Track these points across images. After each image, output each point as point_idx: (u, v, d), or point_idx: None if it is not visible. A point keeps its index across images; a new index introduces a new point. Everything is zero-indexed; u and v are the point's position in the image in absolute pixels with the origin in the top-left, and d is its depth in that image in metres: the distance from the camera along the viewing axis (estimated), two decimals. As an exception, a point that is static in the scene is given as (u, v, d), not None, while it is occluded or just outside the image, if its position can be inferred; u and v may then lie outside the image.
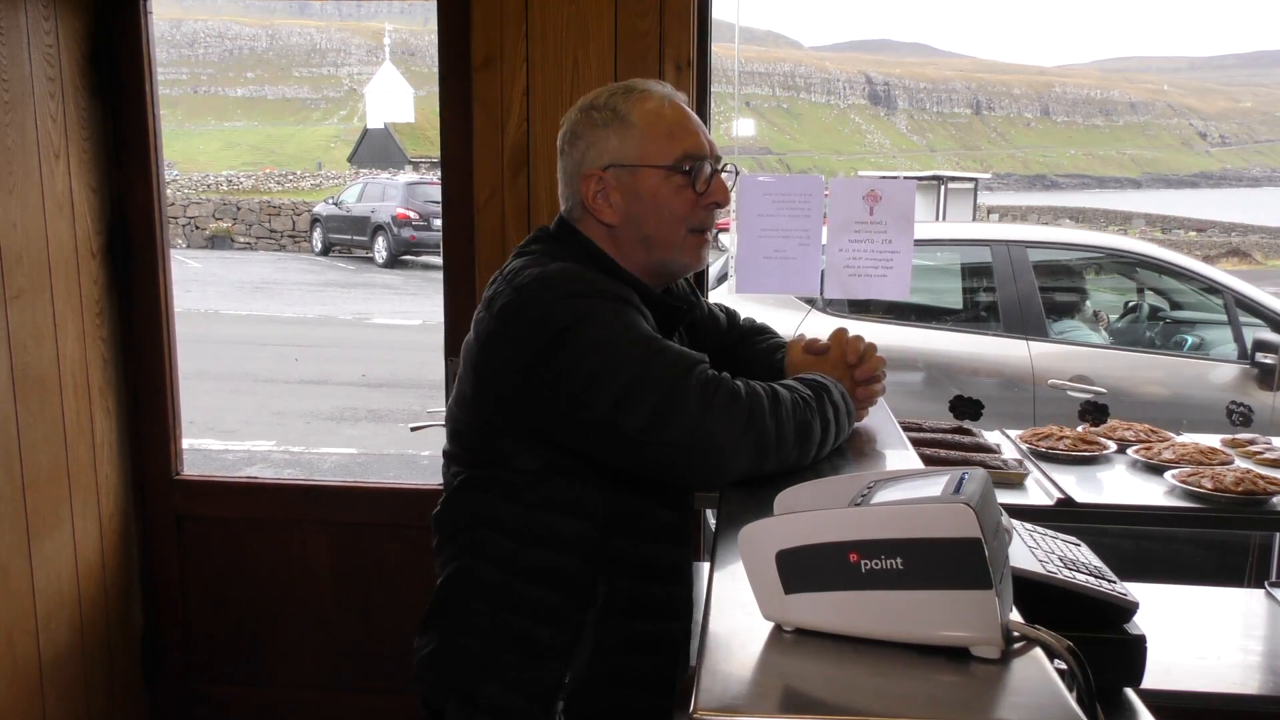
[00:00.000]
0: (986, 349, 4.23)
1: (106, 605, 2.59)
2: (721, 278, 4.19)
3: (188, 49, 75.87)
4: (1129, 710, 1.31)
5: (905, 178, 3.66)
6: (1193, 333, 4.49)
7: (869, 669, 0.80)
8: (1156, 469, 2.11)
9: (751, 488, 1.22)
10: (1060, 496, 1.94)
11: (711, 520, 2.64)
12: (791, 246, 2.31)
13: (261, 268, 17.53)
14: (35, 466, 2.31)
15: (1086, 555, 1.39)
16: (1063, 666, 0.84)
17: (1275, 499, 1.94)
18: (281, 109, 70.07)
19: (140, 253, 2.59)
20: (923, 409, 3.56)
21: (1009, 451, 2.23)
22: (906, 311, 4.47)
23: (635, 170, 1.37)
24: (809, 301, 4.22)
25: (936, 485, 0.86)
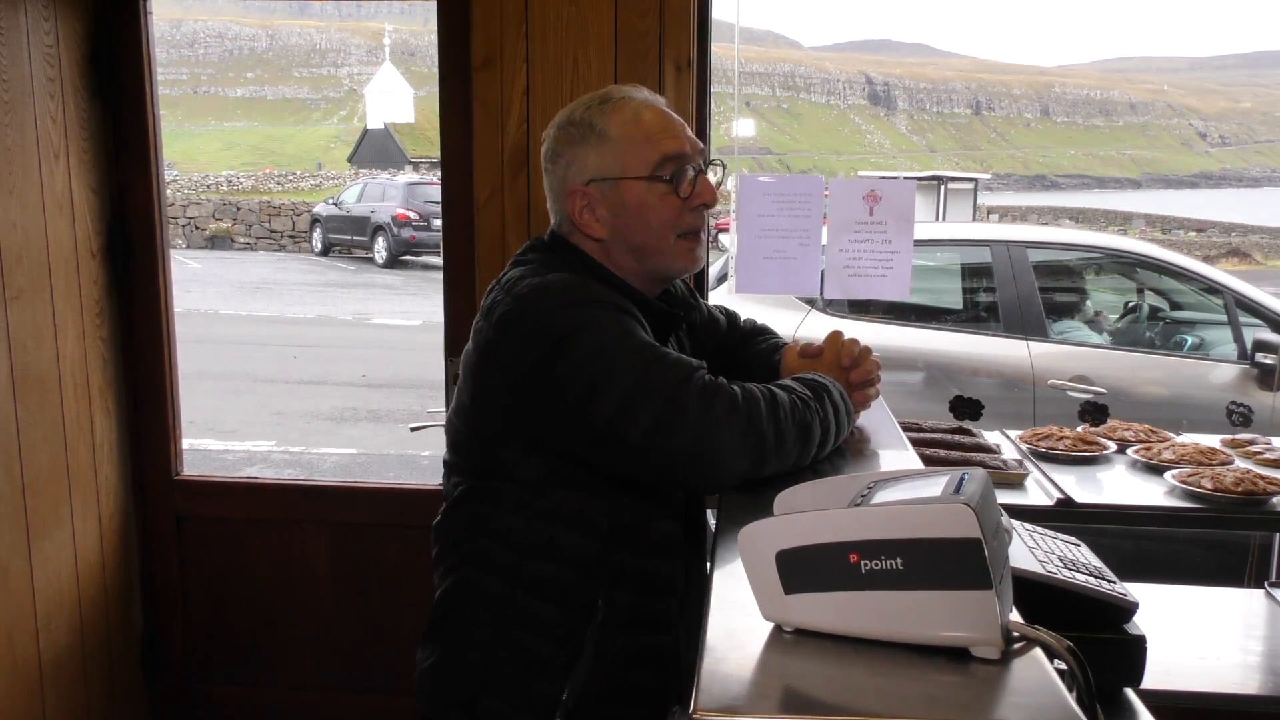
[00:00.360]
0: (986, 349, 4.23)
1: (106, 605, 2.59)
2: (721, 278, 4.19)
3: (188, 49, 75.89)
4: (1129, 710, 1.31)
5: (905, 178, 3.66)
6: (1193, 333, 4.49)
7: (869, 669, 0.80)
8: (1156, 469, 2.11)
9: (751, 488, 1.22)
10: (1060, 497, 1.94)
11: (711, 520, 2.64)
12: (791, 247, 2.31)
13: (261, 268, 17.52)
14: (35, 466, 2.31)
15: (1086, 555, 1.39)
16: (1063, 667, 0.84)
17: (1275, 499, 1.94)
18: (281, 109, 70.09)
19: (140, 253, 2.59)
20: (923, 409, 3.56)
21: (1009, 452, 2.23)
22: (906, 312, 4.47)
23: (617, 183, 1.37)
24: (809, 302, 4.22)
25: (936, 485, 0.86)
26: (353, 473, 6.41)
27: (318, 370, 9.39)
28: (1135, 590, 1.35)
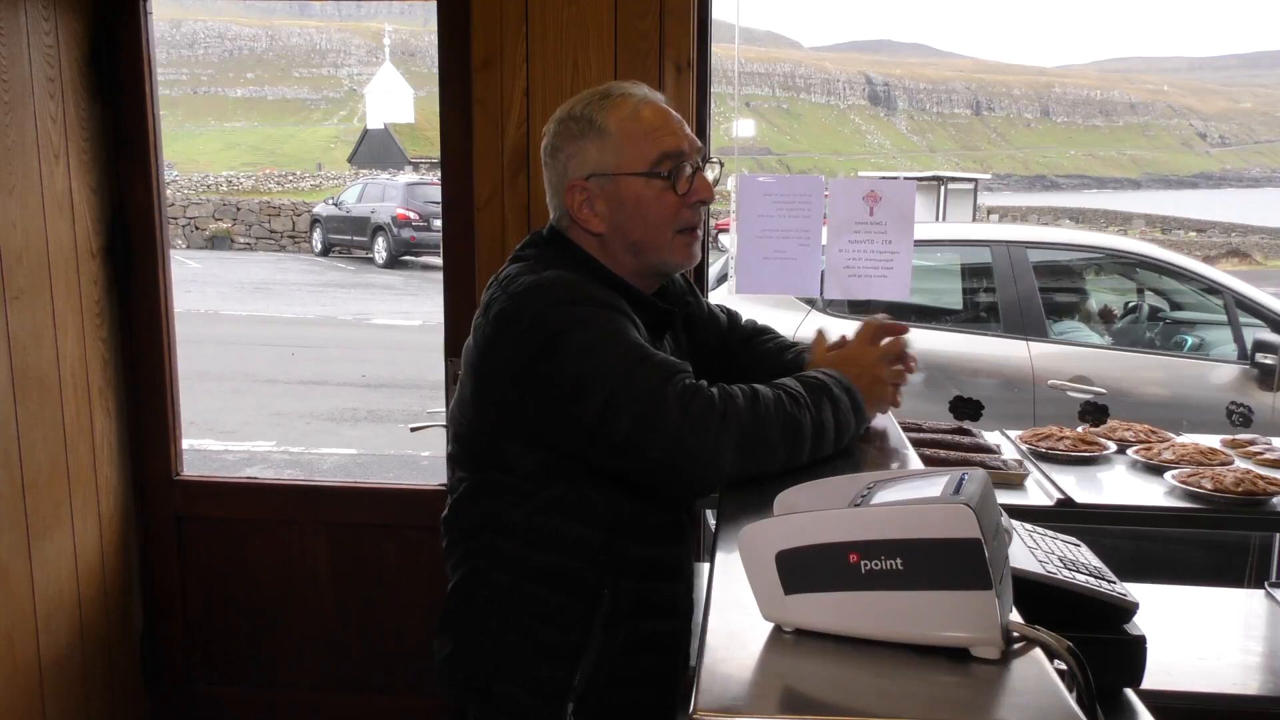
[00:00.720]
0: (986, 349, 4.23)
1: (106, 606, 2.59)
2: (721, 278, 4.19)
3: (188, 49, 75.90)
4: (1129, 711, 1.31)
5: (905, 178, 3.66)
6: (1193, 333, 4.49)
7: (869, 669, 0.80)
8: (1156, 469, 2.11)
9: (751, 488, 1.22)
10: (1060, 497, 1.94)
11: (711, 520, 2.63)
12: (791, 247, 2.31)
13: (261, 268, 17.52)
14: (35, 467, 2.31)
15: (1086, 556, 1.39)
16: (1063, 667, 0.84)
17: (1275, 499, 1.94)
18: (281, 109, 70.09)
19: (140, 253, 2.59)
20: (923, 409, 3.55)
21: (1009, 452, 2.23)
22: (906, 312, 4.47)
23: (616, 178, 1.39)
24: (809, 302, 4.22)
25: (936, 486, 0.86)
26: (353, 473, 6.40)
27: (318, 370, 9.39)
28: (1135, 590, 1.36)
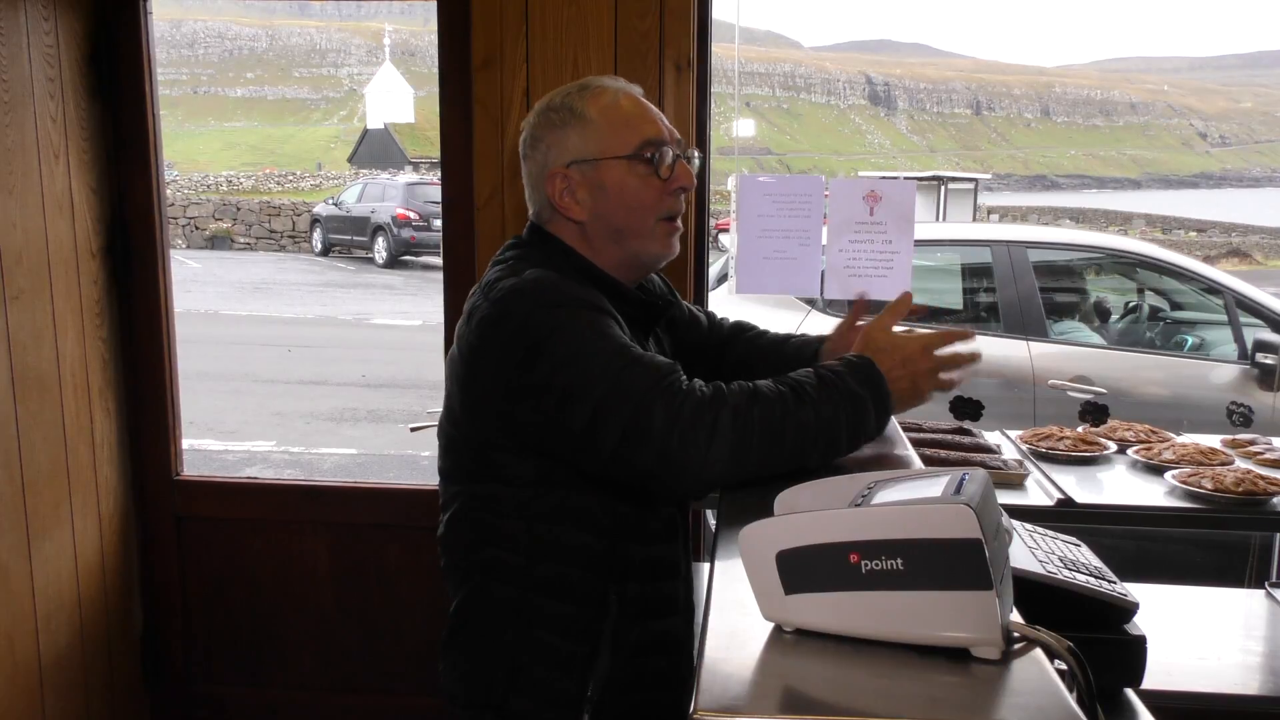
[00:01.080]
0: (986, 349, 4.21)
1: (106, 605, 2.59)
2: (721, 278, 4.19)
3: (188, 49, 75.91)
4: (1129, 711, 1.31)
5: (905, 178, 3.66)
6: (1193, 333, 4.50)
7: (869, 669, 0.80)
8: (1157, 469, 2.11)
9: (752, 488, 1.21)
10: (1060, 497, 1.94)
11: (712, 520, 2.63)
12: (792, 247, 2.31)
13: (261, 268, 17.52)
14: (35, 467, 2.31)
15: (1086, 556, 1.39)
16: (1063, 667, 0.84)
17: (1275, 499, 1.94)
18: (281, 109, 70.10)
19: (140, 253, 2.59)
20: (923, 409, 3.55)
21: (1009, 452, 2.23)
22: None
23: (598, 164, 1.38)
24: (809, 302, 4.22)
25: (937, 486, 0.86)
26: (352, 473, 6.40)
27: (318, 370, 9.39)
28: (1135, 590, 1.36)
